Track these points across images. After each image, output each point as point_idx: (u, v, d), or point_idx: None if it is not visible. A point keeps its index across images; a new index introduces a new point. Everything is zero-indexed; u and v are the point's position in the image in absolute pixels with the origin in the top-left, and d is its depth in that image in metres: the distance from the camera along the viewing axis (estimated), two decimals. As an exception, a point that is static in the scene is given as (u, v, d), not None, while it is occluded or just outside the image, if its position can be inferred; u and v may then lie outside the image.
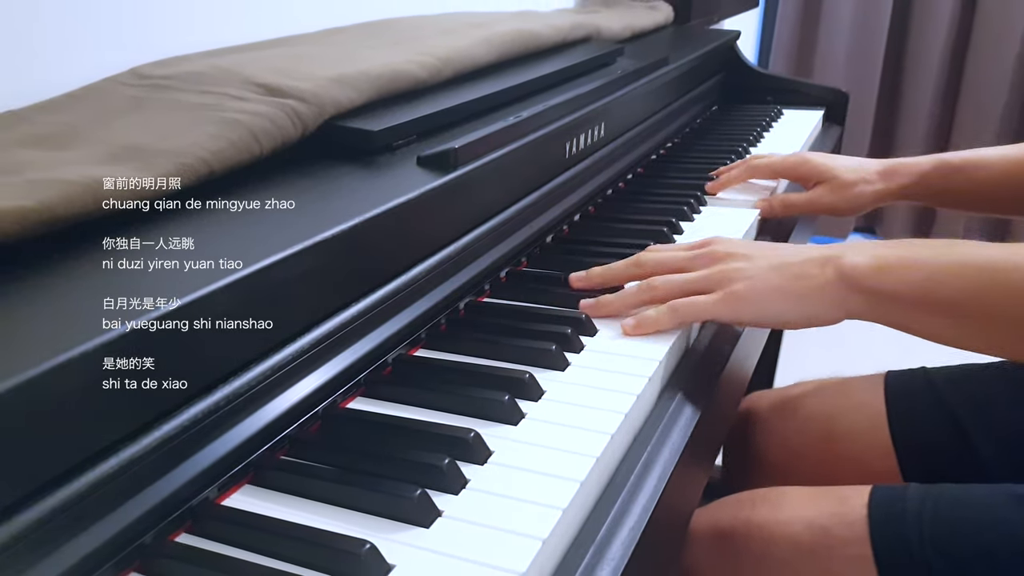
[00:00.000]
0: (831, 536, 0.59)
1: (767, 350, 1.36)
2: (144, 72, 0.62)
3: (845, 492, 0.61)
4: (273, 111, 0.55)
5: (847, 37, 2.45)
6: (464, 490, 0.42)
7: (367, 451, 0.45)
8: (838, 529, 0.59)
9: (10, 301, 0.37)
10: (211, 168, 0.49)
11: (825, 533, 0.59)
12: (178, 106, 0.56)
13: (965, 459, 0.70)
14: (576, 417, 0.49)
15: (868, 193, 0.85)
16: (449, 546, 0.39)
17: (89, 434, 0.36)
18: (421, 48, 0.74)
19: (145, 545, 0.38)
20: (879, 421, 0.75)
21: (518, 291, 0.66)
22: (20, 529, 0.32)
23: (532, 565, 0.37)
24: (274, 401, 0.45)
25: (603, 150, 0.87)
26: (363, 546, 0.37)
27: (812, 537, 0.59)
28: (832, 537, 0.59)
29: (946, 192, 0.84)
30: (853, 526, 0.58)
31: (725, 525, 0.64)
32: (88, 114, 0.55)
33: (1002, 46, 2.31)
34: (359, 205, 0.50)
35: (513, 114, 0.70)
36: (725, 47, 1.38)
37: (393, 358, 0.54)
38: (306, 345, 0.46)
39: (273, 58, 0.68)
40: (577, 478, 0.43)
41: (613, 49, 1.00)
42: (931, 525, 0.56)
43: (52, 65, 0.61)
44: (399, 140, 0.62)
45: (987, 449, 0.70)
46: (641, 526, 0.43)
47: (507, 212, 0.68)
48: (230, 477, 0.42)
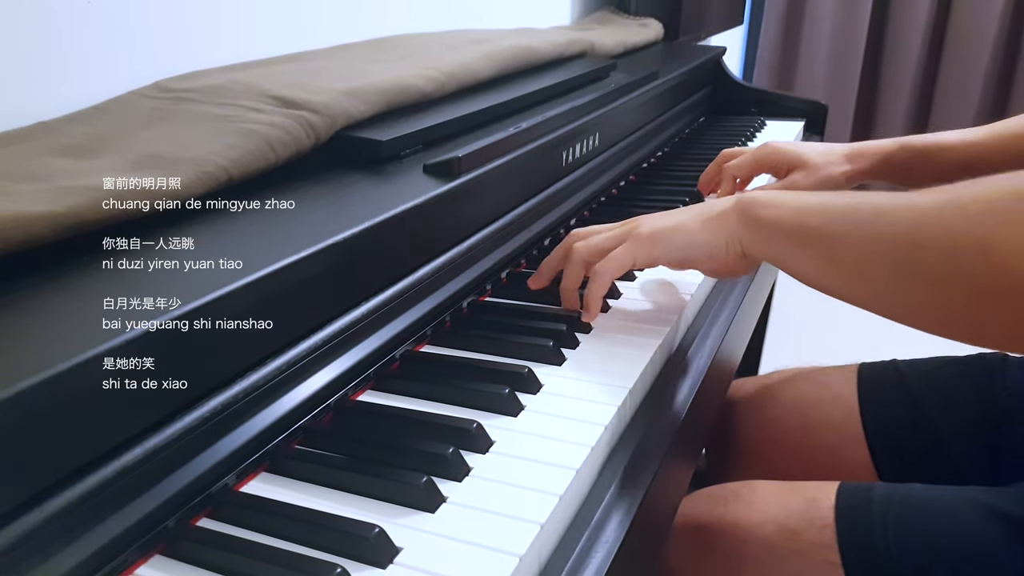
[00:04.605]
0: (800, 540, 0.58)
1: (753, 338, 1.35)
2: (167, 85, 0.62)
3: (814, 491, 0.61)
4: (288, 122, 0.55)
5: (826, 53, 2.45)
6: (467, 477, 0.42)
7: (376, 441, 0.45)
8: (808, 534, 0.58)
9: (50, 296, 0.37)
10: (230, 175, 0.49)
11: (795, 537, 0.58)
12: (199, 117, 0.56)
13: (934, 453, 0.70)
14: (572, 409, 0.49)
15: (838, 175, 0.83)
16: (453, 530, 0.39)
17: (118, 425, 0.36)
18: (427, 63, 0.74)
19: (169, 528, 0.38)
20: (852, 414, 0.74)
21: (518, 291, 0.66)
22: (52, 512, 0.32)
23: (531, 548, 0.37)
24: (289, 394, 0.45)
25: (597, 159, 0.87)
26: (372, 530, 0.37)
27: (783, 540, 0.59)
28: (802, 541, 0.58)
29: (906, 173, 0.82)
30: (822, 531, 0.58)
31: (701, 520, 0.63)
32: (114, 125, 0.55)
33: (971, 64, 2.31)
34: (369, 210, 0.50)
35: (513, 125, 0.70)
36: (712, 62, 1.38)
37: (401, 354, 0.54)
38: (319, 342, 0.47)
39: (288, 72, 0.68)
40: (573, 466, 0.43)
41: (607, 64, 1.00)
42: (895, 529, 0.56)
43: (80, 80, 0.61)
44: (406, 149, 0.62)
45: (954, 445, 0.69)
46: (633, 511, 0.43)
47: (508, 216, 0.68)
48: (248, 465, 0.42)
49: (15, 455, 0.31)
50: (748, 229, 0.54)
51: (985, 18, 2.27)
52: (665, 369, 0.58)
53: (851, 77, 2.43)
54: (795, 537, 0.58)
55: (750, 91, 1.43)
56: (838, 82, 2.44)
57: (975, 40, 2.30)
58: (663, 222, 0.59)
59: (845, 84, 2.44)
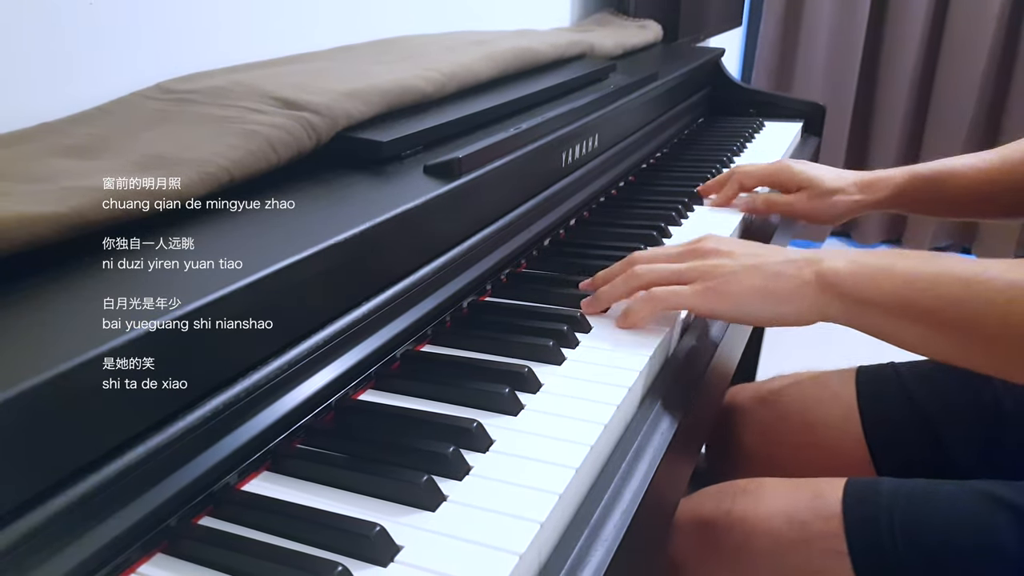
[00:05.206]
0: (808, 531, 0.58)
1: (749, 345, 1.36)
2: (169, 87, 0.62)
3: (821, 486, 0.61)
4: (289, 123, 0.55)
5: (824, 54, 2.45)
6: (468, 476, 0.42)
7: (377, 440, 0.45)
8: (815, 524, 0.58)
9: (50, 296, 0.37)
10: (232, 176, 0.49)
11: (803, 528, 0.58)
12: (201, 118, 0.56)
13: (933, 453, 0.70)
14: (572, 408, 0.49)
15: (844, 203, 0.85)
16: (454, 528, 0.39)
17: (119, 425, 0.36)
18: (427, 64, 0.74)
19: (171, 527, 0.38)
20: (851, 413, 0.75)
21: (518, 291, 0.66)
22: (55, 511, 0.32)
23: (531, 546, 0.37)
24: (290, 394, 0.45)
25: (597, 159, 0.87)
26: (373, 528, 0.37)
27: (791, 531, 0.59)
28: (810, 532, 0.58)
29: (918, 202, 0.84)
30: (829, 521, 0.58)
31: (707, 516, 0.63)
32: (117, 126, 0.55)
33: (969, 65, 2.31)
34: (370, 210, 0.50)
35: (513, 126, 0.70)
36: (711, 63, 1.38)
37: (401, 353, 0.54)
38: (319, 341, 0.46)
39: (289, 73, 0.68)
40: (573, 465, 0.43)
41: (606, 65, 1.00)
42: (902, 521, 0.56)
43: (83, 81, 0.61)
44: (407, 150, 0.62)
45: (953, 442, 0.70)
46: (632, 509, 0.43)
47: (508, 217, 0.68)
48: (250, 464, 0.42)
49: (17, 454, 0.31)
50: (838, 302, 0.53)
51: (982, 20, 2.27)
52: (664, 369, 0.58)
53: (849, 79, 2.43)
54: (802, 528, 0.58)
55: (749, 92, 1.43)
56: (836, 83, 2.44)
57: (972, 42, 2.30)
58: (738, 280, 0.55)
59: (843, 85, 2.44)
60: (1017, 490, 0.56)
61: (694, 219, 0.86)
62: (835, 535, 0.57)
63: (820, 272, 0.53)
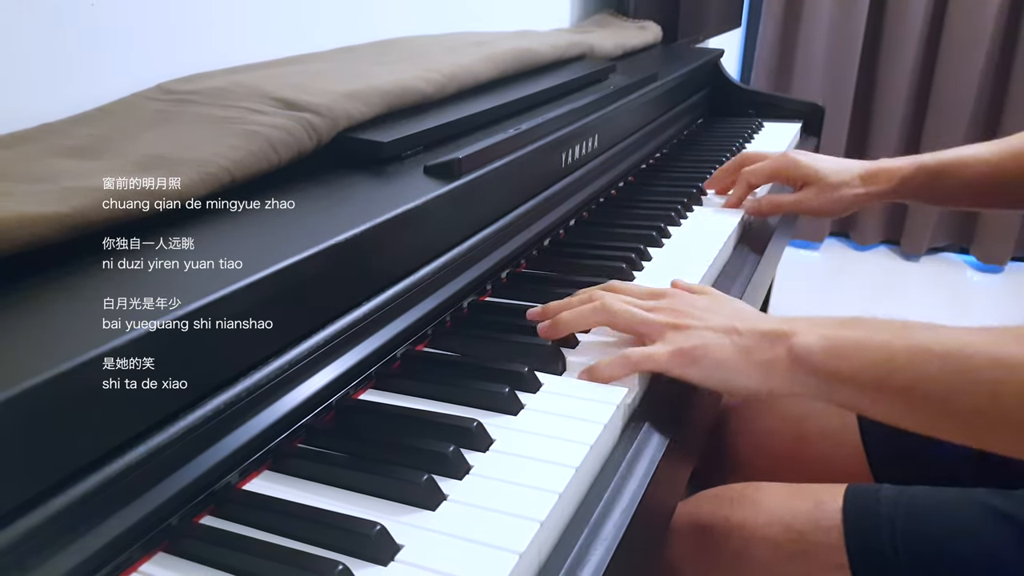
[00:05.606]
0: (807, 541, 0.57)
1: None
2: (170, 88, 0.62)
3: (820, 493, 0.60)
4: (290, 124, 0.55)
5: (823, 55, 2.44)
6: (468, 475, 0.42)
7: (378, 439, 0.45)
8: (815, 535, 0.57)
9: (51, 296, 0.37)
10: (232, 176, 0.49)
11: (802, 538, 0.58)
12: (201, 119, 0.56)
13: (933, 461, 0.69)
14: (572, 408, 0.49)
15: (851, 196, 0.85)
16: (454, 527, 0.39)
17: (119, 425, 0.36)
18: (427, 65, 0.74)
19: (172, 526, 0.38)
20: (849, 421, 0.74)
21: (518, 291, 0.66)
22: (56, 511, 0.32)
23: (531, 545, 0.37)
24: (291, 393, 0.45)
25: (597, 160, 0.87)
26: (374, 527, 0.37)
27: (790, 541, 0.58)
28: (809, 542, 0.57)
29: (924, 193, 0.84)
30: (829, 532, 0.57)
31: (705, 520, 0.62)
32: (118, 126, 0.55)
33: (967, 65, 2.31)
34: (370, 211, 0.50)
35: (513, 127, 0.70)
36: (710, 64, 1.38)
37: (402, 353, 0.54)
38: (320, 341, 0.46)
39: (290, 74, 0.68)
40: (572, 464, 0.43)
41: (606, 66, 1.00)
42: (903, 533, 0.55)
43: (84, 81, 0.61)
44: (407, 150, 0.62)
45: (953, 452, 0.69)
46: (632, 508, 0.43)
47: (508, 217, 0.68)
48: (251, 463, 0.42)
49: (17, 454, 0.31)
50: (811, 378, 0.51)
51: (981, 20, 2.27)
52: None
53: (848, 79, 2.43)
54: (801, 538, 0.58)
55: (748, 93, 1.43)
56: (835, 84, 2.44)
57: (971, 42, 2.29)
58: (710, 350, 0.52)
59: (842, 86, 2.43)
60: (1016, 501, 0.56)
61: (694, 219, 0.86)
62: (835, 547, 0.56)
63: (792, 348, 0.51)
